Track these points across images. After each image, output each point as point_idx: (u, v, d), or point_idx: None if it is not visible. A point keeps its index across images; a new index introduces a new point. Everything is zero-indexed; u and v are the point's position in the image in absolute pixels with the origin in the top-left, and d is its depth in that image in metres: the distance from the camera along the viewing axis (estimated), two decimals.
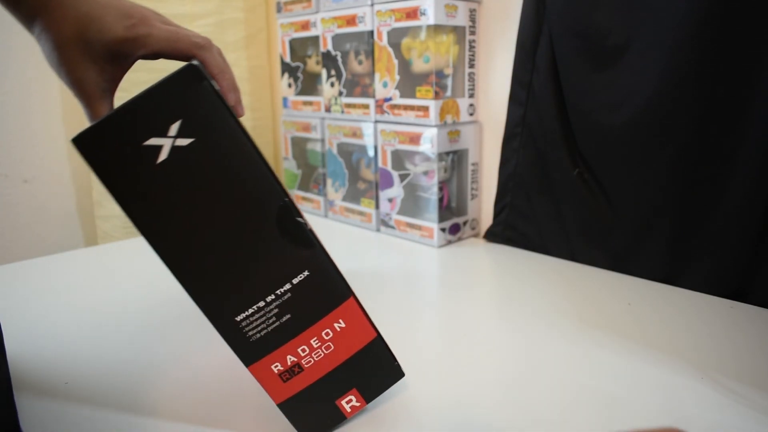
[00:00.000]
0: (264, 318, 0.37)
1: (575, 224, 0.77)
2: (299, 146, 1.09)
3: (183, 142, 0.34)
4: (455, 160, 0.87)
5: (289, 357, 0.39)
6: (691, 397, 0.44)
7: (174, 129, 0.33)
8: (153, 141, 0.33)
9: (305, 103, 1.05)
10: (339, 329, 0.39)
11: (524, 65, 0.79)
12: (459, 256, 0.82)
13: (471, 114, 0.87)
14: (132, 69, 0.42)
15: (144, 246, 0.35)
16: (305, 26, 1.00)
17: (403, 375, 0.43)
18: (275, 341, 0.38)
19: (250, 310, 0.37)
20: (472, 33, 0.85)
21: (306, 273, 0.37)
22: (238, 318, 0.37)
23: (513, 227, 0.85)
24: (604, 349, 0.52)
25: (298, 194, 1.11)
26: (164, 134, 0.33)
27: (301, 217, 0.37)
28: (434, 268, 0.78)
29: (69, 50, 0.38)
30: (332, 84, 0.97)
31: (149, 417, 0.44)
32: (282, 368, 0.39)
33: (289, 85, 1.08)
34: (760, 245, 0.61)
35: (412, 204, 0.88)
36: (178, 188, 0.34)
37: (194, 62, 0.35)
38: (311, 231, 0.38)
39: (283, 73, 1.09)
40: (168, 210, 0.34)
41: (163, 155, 0.33)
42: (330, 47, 0.96)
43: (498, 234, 0.87)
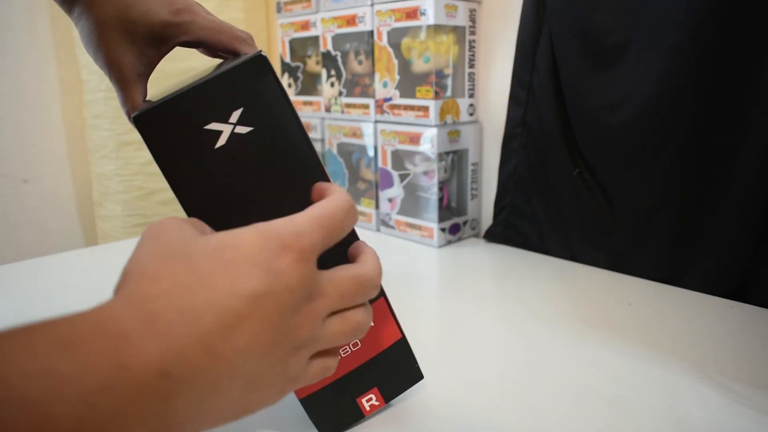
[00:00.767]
0: None
1: (575, 224, 0.77)
2: None
3: (242, 130, 0.34)
4: (455, 160, 0.87)
5: None
6: (691, 397, 0.44)
7: (235, 116, 0.33)
8: (214, 126, 0.33)
9: (305, 103, 1.05)
10: None
11: (524, 65, 0.79)
12: (459, 256, 0.82)
13: (471, 114, 0.87)
14: None
15: None
16: (305, 26, 1.00)
17: (423, 377, 0.43)
18: None
19: None
20: (472, 33, 0.85)
21: None
22: None
23: (513, 227, 0.85)
24: (604, 349, 0.52)
25: None
26: (226, 120, 0.33)
27: None
28: (434, 268, 0.78)
29: (109, 31, 0.38)
30: (332, 84, 0.97)
31: None
32: None
33: (289, 85, 1.08)
34: (760, 245, 0.61)
35: (412, 204, 0.88)
36: (231, 174, 0.34)
37: (262, 52, 0.35)
38: (353, 231, 0.38)
39: (283, 73, 1.09)
40: (217, 194, 0.34)
41: (222, 141, 0.34)
42: (330, 47, 0.96)
43: (498, 234, 0.87)
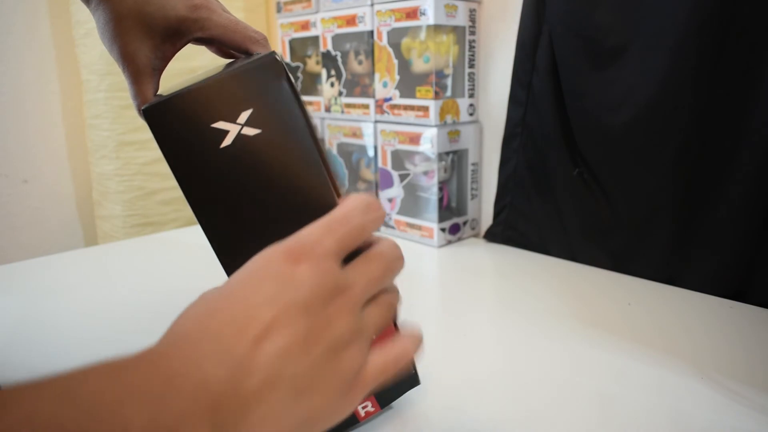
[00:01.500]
0: None
1: (575, 224, 0.77)
2: None
3: (250, 132, 0.33)
4: (455, 160, 0.87)
5: None
6: (691, 397, 0.44)
7: (244, 117, 0.33)
8: (221, 125, 0.33)
9: (305, 103, 1.05)
10: None
11: (524, 65, 0.79)
12: (459, 256, 0.82)
13: (471, 114, 0.87)
14: None
15: (144, 246, 0.35)
16: (305, 26, 1.00)
17: (419, 383, 0.43)
18: None
19: None
20: (472, 33, 0.85)
21: None
22: None
23: (513, 227, 0.85)
24: (604, 349, 0.52)
25: None
26: (233, 120, 0.33)
27: None
28: (434, 268, 0.78)
29: (126, 22, 0.38)
30: (332, 84, 0.97)
31: None
32: None
33: None
34: (760, 245, 0.61)
35: (412, 204, 0.88)
36: (236, 175, 0.34)
37: (276, 55, 0.35)
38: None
39: None
40: (221, 194, 0.34)
41: (228, 141, 0.33)
42: (330, 47, 0.96)
43: (498, 234, 0.87)
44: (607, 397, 0.45)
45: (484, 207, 0.91)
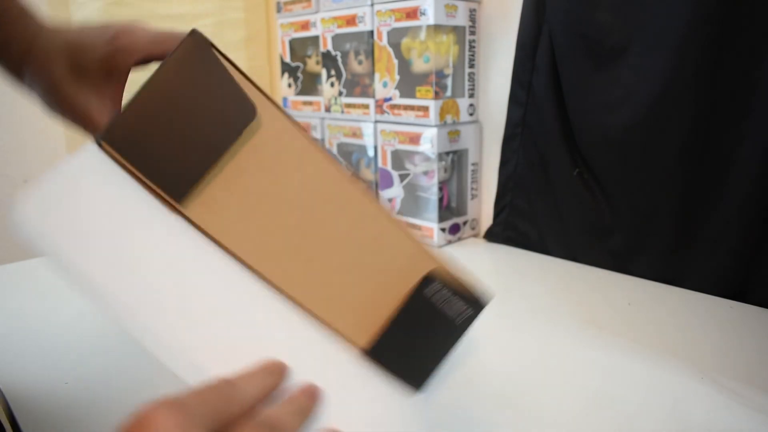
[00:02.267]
0: None
1: (575, 224, 0.77)
2: None
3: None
4: (455, 160, 0.87)
5: None
6: (691, 397, 0.44)
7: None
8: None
9: (305, 103, 1.05)
10: None
11: (524, 65, 0.79)
12: (459, 256, 0.82)
13: (471, 114, 0.87)
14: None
15: None
16: (305, 26, 1.00)
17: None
18: None
19: None
20: (472, 33, 0.85)
21: None
22: None
23: (513, 227, 0.85)
24: (604, 349, 0.52)
25: None
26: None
27: None
28: None
29: (65, 85, 0.38)
30: (332, 84, 0.97)
31: None
32: None
33: (289, 85, 1.08)
34: (760, 245, 0.61)
35: (412, 204, 0.88)
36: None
37: (195, 29, 0.35)
38: None
39: (283, 73, 1.09)
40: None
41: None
42: (330, 47, 0.96)
43: (498, 234, 0.87)
44: (607, 397, 0.45)
45: (484, 207, 0.91)
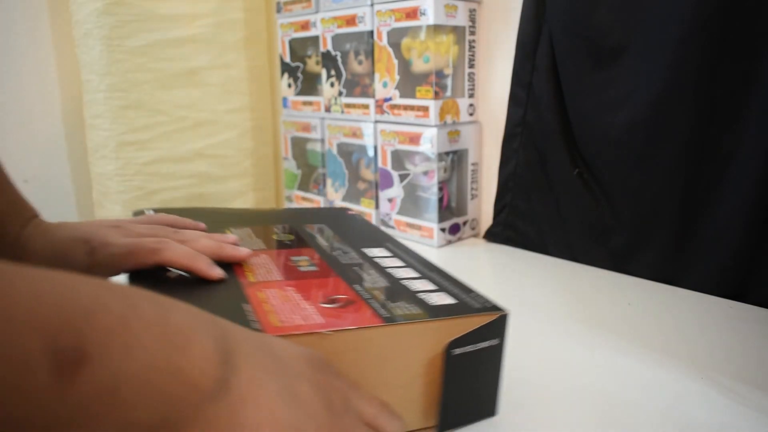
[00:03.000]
0: None
1: (575, 224, 0.77)
2: (299, 146, 1.09)
3: None
4: (455, 160, 0.87)
5: None
6: (690, 397, 0.44)
7: None
8: None
9: (305, 103, 1.05)
10: None
11: (524, 65, 0.78)
12: (459, 256, 0.82)
13: (471, 114, 0.87)
14: (131, 69, 0.42)
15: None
16: (305, 26, 1.00)
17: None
18: None
19: None
20: (472, 33, 0.85)
21: None
22: None
23: (513, 227, 0.85)
24: (604, 349, 0.52)
25: (298, 194, 1.11)
26: None
27: None
28: None
29: None
30: (332, 84, 0.97)
31: None
32: None
33: (289, 85, 1.08)
34: (760, 245, 0.61)
35: (412, 204, 0.88)
36: None
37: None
38: None
39: (283, 73, 1.09)
40: None
41: None
42: (330, 47, 0.96)
43: (498, 234, 0.87)
44: (607, 397, 0.45)
45: (484, 207, 0.91)
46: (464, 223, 0.89)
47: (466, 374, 0.39)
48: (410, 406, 0.37)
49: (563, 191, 0.77)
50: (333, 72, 0.97)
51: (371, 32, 0.88)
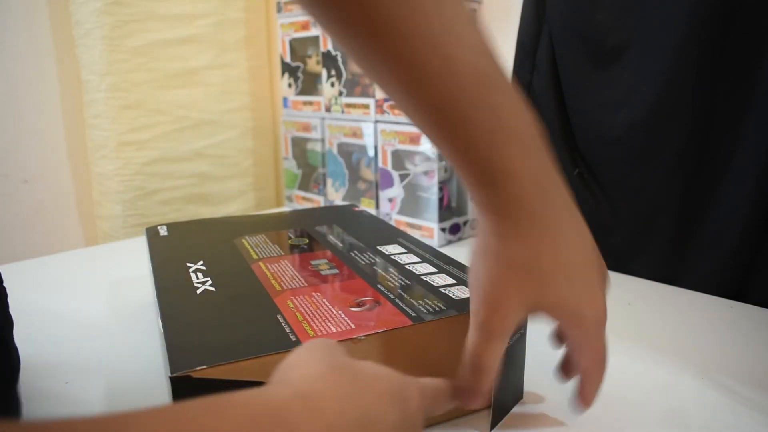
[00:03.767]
0: None
1: None
2: (299, 146, 1.09)
3: None
4: None
5: None
6: (691, 397, 0.44)
7: None
8: None
9: (305, 103, 1.05)
10: None
11: (524, 65, 0.78)
12: (459, 256, 0.82)
13: None
14: (131, 69, 0.41)
15: (144, 246, 0.35)
16: (305, 26, 1.00)
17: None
18: None
19: None
20: None
21: None
22: None
23: None
24: None
25: (298, 194, 1.11)
26: None
27: None
28: None
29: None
30: (332, 84, 0.97)
31: None
32: None
33: (289, 85, 1.08)
34: (760, 245, 0.61)
35: (412, 204, 0.88)
36: None
37: None
38: None
39: (283, 73, 1.09)
40: None
41: None
42: (330, 47, 0.96)
43: None
44: (606, 397, 0.45)
45: None
46: (464, 223, 0.89)
47: (506, 361, 0.39)
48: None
49: None
50: (333, 72, 0.97)
51: None
